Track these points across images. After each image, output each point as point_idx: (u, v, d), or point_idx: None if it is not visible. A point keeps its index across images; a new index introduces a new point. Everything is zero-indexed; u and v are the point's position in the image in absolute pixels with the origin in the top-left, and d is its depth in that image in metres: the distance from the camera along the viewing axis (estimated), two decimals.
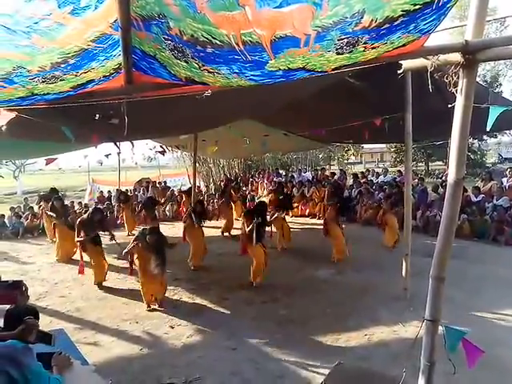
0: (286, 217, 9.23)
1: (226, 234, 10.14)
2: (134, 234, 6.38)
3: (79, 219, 6.67)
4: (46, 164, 7.94)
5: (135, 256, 5.45)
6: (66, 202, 10.25)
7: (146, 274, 5.33)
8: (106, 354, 4.25)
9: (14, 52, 1.89)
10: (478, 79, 2.64)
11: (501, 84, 23.38)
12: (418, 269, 5.30)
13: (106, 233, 6.75)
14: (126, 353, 4.28)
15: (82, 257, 6.56)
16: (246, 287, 6.10)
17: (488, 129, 2.85)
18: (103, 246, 6.74)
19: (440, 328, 2.38)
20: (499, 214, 8.82)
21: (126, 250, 5.48)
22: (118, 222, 11.56)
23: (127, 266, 5.82)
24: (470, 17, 2.07)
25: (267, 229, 8.49)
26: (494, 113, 2.68)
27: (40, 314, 2.58)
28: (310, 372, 3.82)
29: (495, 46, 2.08)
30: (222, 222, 10.51)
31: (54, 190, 9.74)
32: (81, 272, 6.54)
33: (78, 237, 6.41)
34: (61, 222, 8.25)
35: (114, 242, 6.66)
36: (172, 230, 10.22)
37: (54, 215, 8.34)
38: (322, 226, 7.68)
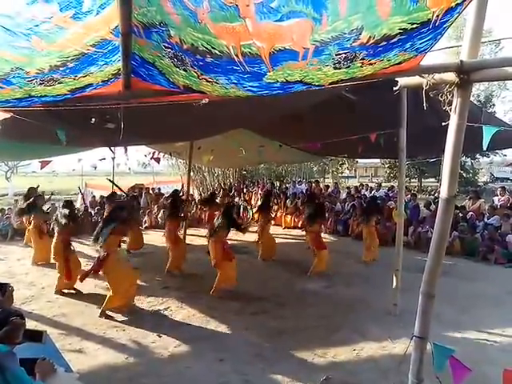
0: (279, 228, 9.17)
1: None
2: None
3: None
4: (41, 167, 7.84)
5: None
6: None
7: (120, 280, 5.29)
8: (91, 361, 4.17)
9: (13, 53, 1.88)
10: (471, 99, 2.69)
11: (494, 104, 23.82)
12: (408, 284, 5.29)
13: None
14: (111, 361, 4.21)
15: (67, 261, 6.23)
16: (236, 297, 6.05)
17: (485, 148, 2.89)
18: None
19: (428, 345, 2.37)
20: (490, 233, 8.89)
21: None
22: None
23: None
24: (465, 37, 2.12)
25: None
26: (489, 132, 2.73)
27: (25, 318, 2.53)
28: None
29: (489, 67, 2.13)
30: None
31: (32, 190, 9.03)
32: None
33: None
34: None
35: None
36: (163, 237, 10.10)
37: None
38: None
